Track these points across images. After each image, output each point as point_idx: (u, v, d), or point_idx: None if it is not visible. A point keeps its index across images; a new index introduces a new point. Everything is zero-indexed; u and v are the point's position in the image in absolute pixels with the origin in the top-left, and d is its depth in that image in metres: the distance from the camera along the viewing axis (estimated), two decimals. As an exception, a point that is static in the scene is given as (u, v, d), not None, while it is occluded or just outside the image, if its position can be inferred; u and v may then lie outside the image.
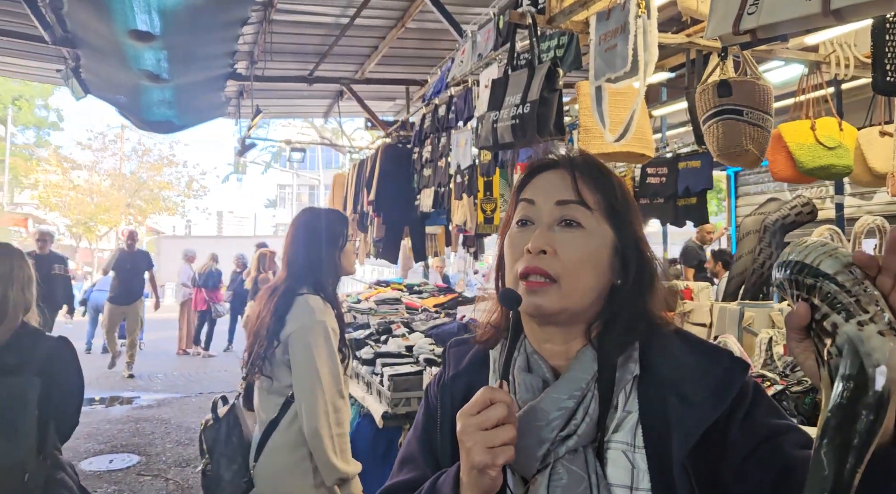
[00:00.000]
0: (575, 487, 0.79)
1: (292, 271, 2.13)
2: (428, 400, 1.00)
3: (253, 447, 2.09)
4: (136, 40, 4.93)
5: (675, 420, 0.80)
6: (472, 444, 0.74)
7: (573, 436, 0.81)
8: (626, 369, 0.85)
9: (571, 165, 0.91)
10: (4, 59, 6.84)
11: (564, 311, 0.85)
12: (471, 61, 4.29)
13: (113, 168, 24.67)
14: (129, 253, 8.57)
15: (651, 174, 4.14)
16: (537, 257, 0.84)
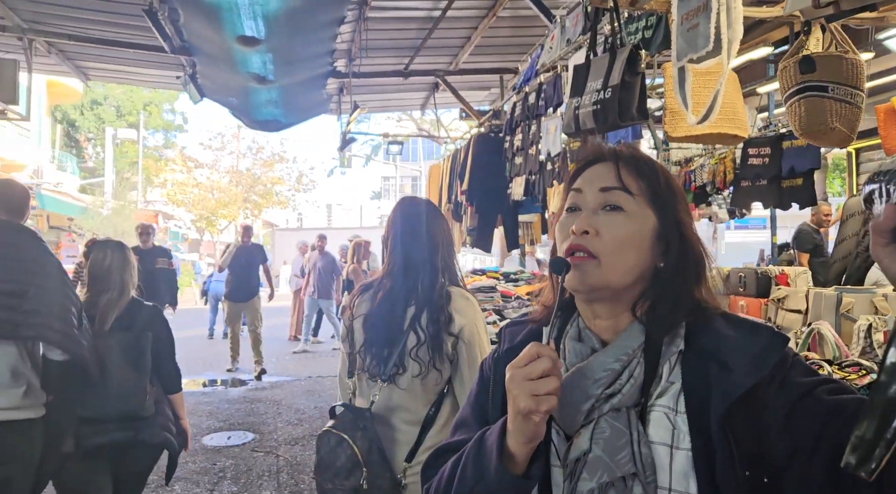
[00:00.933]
0: (616, 440, 0.86)
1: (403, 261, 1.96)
2: (482, 373, 1.08)
3: (404, 446, 1.91)
4: (243, 45, 5.26)
5: (714, 385, 0.86)
6: (518, 392, 0.81)
7: (617, 395, 0.88)
8: (672, 344, 0.91)
9: (615, 156, 0.99)
10: (132, 69, 7.50)
11: (606, 287, 0.92)
12: (560, 47, 4.26)
13: (231, 165, 26.33)
14: (245, 247, 8.46)
15: (752, 154, 3.93)
16: (581, 237, 0.92)
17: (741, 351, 0.87)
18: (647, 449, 0.85)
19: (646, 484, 0.84)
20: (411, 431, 1.91)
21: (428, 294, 1.91)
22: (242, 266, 8.29)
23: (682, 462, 0.84)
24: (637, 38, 2.94)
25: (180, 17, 5.21)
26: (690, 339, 0.92)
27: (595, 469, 0.85)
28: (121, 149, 27.61)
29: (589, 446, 0.87)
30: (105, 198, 23.06)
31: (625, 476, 0.84)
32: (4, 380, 2.30)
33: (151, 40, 5.70)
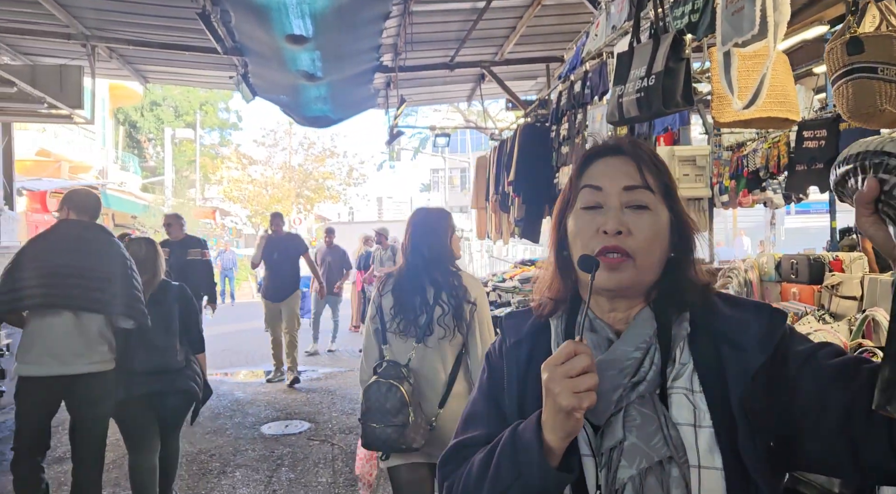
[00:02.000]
0: (648, 426, 0.89)
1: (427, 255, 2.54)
2: (490, 365, 1.09)
3: (438, 394, 2.46)
4: (292, 44, 5.39)
5: (729, 364, 0.91)
6: (560, 390, 0.82)
7: (643, 382, 0.91)
8: (679, 327, 0.96)
9: (634, 151, 1.00)
10: (188, 71, 7.77)
11: (639, 284, 0.96)
12: (605, 34, 4.21)
13: (283, 161, 26.88)
14: (277, 238, 7.46)
15: (808, 137, 3.80)
16: (614, 237, 0.93)
17: (749, 331, 0.92)
18: (675, 431, 0.89)
19: (681, 465, 0.87)
20: (440, 381, 2.46)
21: (445, 277, 2.50)
22: (276, 260, 7.36)
23: (706, 439, 0.89)
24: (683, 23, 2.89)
25: (232, 18, 5.37)
26: (695, 321, 0.96)
27: (633, 456, 0.88)
28: (179, 149, 28.56)
29: (623, 434, 0.89)
30: (165, 195, 23.91)
31: (661, 459, 0.87)
32: (95, 341, 3.15)
33: (205, 42, 5.90)
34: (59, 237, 3.17)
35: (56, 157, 16.64)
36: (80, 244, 3.16)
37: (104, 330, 3.18)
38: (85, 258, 3.13)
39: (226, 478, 4.39)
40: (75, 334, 3.08)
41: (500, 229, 6.79)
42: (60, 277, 3.07)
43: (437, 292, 2.48)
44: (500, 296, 5.74)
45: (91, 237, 3.20)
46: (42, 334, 3.07)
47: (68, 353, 3.06)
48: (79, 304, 3.08)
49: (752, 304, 0.99)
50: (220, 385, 7.47)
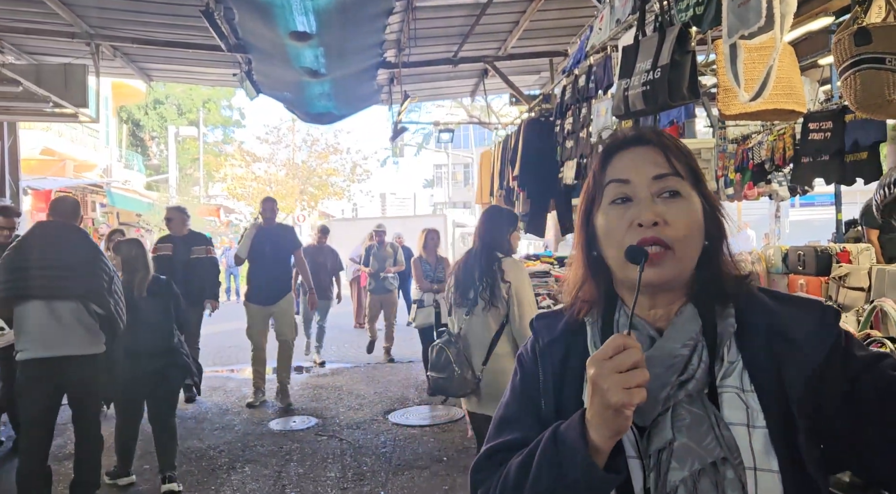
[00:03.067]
0: (699, 426, 0.85)
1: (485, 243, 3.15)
2: (523, 367, 1.05)
3: (482, 354, 3.05)
4: (296, 41, 5.40)
5: (785, 362, 0.87)
6: (609, 386, 0.78)
7: (692, 380, 0.87)
8: (725, 324, 0.91)
9: (660, 140, 0.96)
10: (191, 69, 7.78)
11: (680, 277, 0.91)
12: (609, 27, 4.20)
13: (287, 158, 26.88)
14: (267, 229, 6.25)
15: (813, 129, 3.80)
16: (651, 229, 0.89)
17: (803, 326, 0.88)
18: (728, 432, 0.85)
19: (735, 466, 0.83)
20: (483, 344, 3.06)
21: (488, 262, 3.07)
22: (269, 254, 6.13)
23: (761, 441, 0.85)
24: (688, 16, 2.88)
25: (235, 16, 5.38)
26: (741, 316, 0.92)
27: (684, 458, 0.84)
28: (183, 146, 28.61)
29: (672, 434, 0.85)
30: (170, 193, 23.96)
31: (715, 460, 0.83)
32: (71, 326, 3.45)
33: (209, 40, 5.91)
34: (33, 236, 3.56)
35: (61, 156, 16.70)
36: (51, 241, 3.52)
37: (81, 317, 3.48)
38: (55, 253, 3.48)
39: (235, 474, 4.42)
40: (49, 320, 3.40)
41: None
42: (31, 270, 3.40)
43: (480, 273, 3.06)
44: (506, 291, 5.75)
45: (63, 235, 3.56)
46: (24, 322, 3.42)
47: (48, 338, 3.40)
48: (47, 293, 3.40)
49: (801, 299, 0.95)
50: (227, 381, 7.50)
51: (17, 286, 3.39)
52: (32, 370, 3.38)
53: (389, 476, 4.32)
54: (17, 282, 3.39)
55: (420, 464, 4.53)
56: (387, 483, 4.19)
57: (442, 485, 4.14)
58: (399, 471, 4.41)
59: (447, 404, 6.03)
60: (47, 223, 3.67)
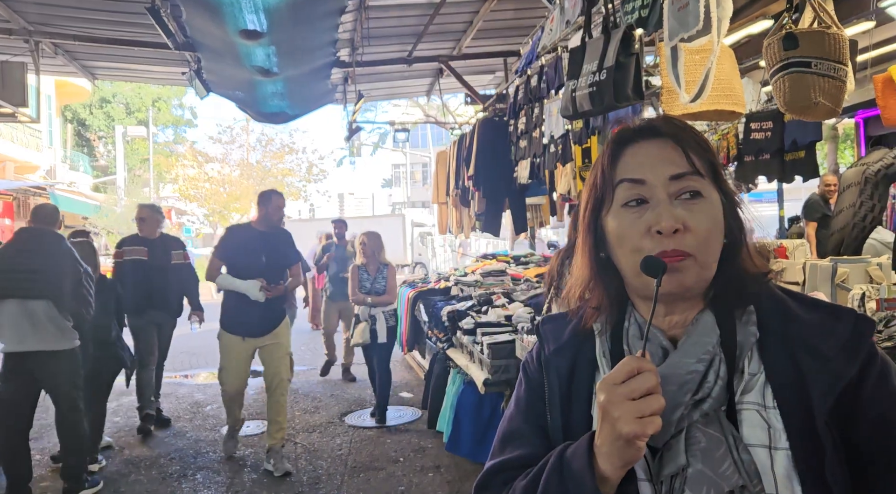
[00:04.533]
0: (715, 450, 0.78)
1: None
2: (528, 376, 0.98)
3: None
4: (246, 39, 5.31)
5: (812, 376, 0.79)
6: (620, 414, 0.72)
7: (707, 400, 0.80)
8: (747, 332, 0.84)
9: (676, 133, 0.86)
10: (138, 67, 7.58)
11: (701, 283, 0.83)
12: (560, 28, 4.26)
13: (241, 158, 26.46)
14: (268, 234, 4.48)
15: (755, 129, 3.93)
16: (671, 237, 0.81)
17: (831, 339, 0.80)
18: (748, 455, 0.78)
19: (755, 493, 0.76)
20: None
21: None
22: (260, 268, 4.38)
23: (783, 464, 0.77)
24: (633, 18, 2.95)
25: (182, 13, 5.26)
26: (764, 324, 0.84)
27: (699, 486, 0.77)
28: (131, 147, 27.83)
29: (686, 459, 0.78)
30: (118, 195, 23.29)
31: (733, 489, 0.76)
32: (43, 324, 3.79)
33: (156, 37, 5.76)
34: (15, 242, 3.96)
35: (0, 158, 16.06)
36: (31, 246, 3.86)
37: (53, 315, 3.82)
38: (34, 257, 3.81)
39: (186, 482, 4.32)
40: (24, 318, 3.76)
41: (462, 223, 6.83)
42: (10, 272, 3.78)
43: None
44: (462, 290, 5.78)
45: (42, 240, 3.89)
46: (1, 319, 3.79)
47: (21, 334, 3.77)
48: (24, 293, 3.77)
49: (831, 307, 0.86)
50: (178, 387, 7.33)
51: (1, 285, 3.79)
52: (9, 362, 3.83)
53: (345, 479, 4.29)
54: (1, 282, 3.79)
55: (376, 466, 4.51)
56: (342, 486, 4.16)
57: (398, 486, 4.13)
58: (355, 473, 4.38)
59: (402, 404, 6.02)
60: (28, 229, 4.01)
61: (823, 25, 2.05)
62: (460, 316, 4.29)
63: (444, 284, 6.31)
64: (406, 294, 6.46)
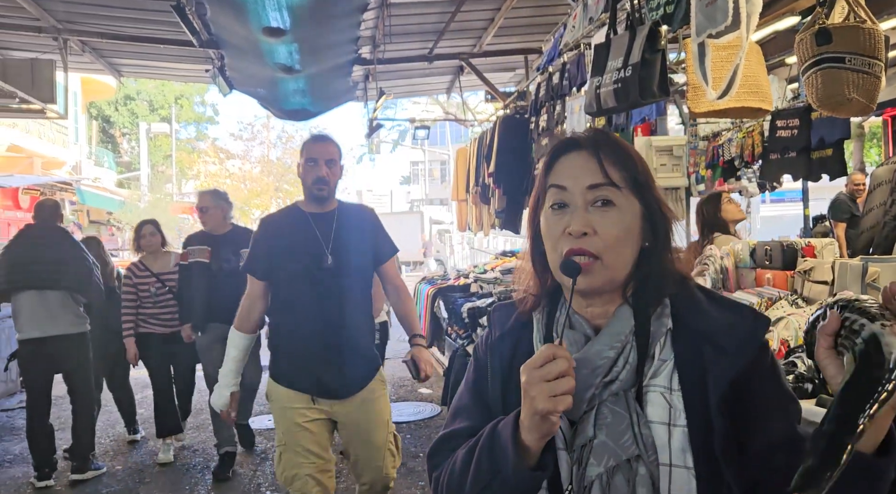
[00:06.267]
0: (618, 424, 0.90)
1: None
2: (477, 358, 1.10)
3: None
4: (269, 36, 5.35)
5: (711, 366, 0.90)
6: (537, 393, 0.83)
7: (616, 381, 0.91)
8: (660, 323, 0.95)
9: (595, 147, 0.97)
10: (163, 64, 7.68)
11: (610, 283, 0.95)
12: (582, 25, 4.24)
13: (262, 155, 26.65)
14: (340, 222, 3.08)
15: (781, 127, 3.88)
16: (579, 239, 0.92)
17: (730, 333, 0.92)
18: (648, 430, 0.89)
19: (648, 463, 0.88)
20: None
21: None
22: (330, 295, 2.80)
23: (679, 439, 0.89)
24: (658, 14, 2.93)
25: (207, 11, 5.31)
26: (677, 317, 0.96)
27: (601, 455, 0.89)
28: (155, 143, 28.18)
29: (593, 432, 0.90)
30: (142, 191, 23.60)
31: (630, 458, 0.88)
32: (58, 311, 4.15)
33: (180, 35, 5.83)
34: (25, 237, 4.29)
35: (28, 153, 16.33)
36: (41, 240, 4.20)
37: (67, 303, 4.19)
38: (46, 250, 4.16)
39: (209, 473, 4.37)
40: (41, 306, 4.10)
41: (481, 221, 6.83)
42: (23, 265, 4.13)
43: None
44: (482, 288, 5.78)
45: (48, 235, 4.25)
46: (20, 308, 4.13)
47: (40, 320, 4.10)
48: (38, 284, 4.10)
49: (732, 304, 0.99)
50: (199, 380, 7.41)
51: (13, 279, 4.13)
52: (29, 347, 4.14)
53: (366, 473, 4.32)
54: (13, 277, 4.13)
55: (397, 461, 4.53)
56: (363, 480, 4.19)
57: (418, 481, 4.15)
58: (376, 468, 4.41)
59: (422, 400, 6.05)
60: (32, 226, 4.34)
61: (858, 20, 2.03)
62: (480, 312, 4.30)
63: (463, 281, 6.32)
64: (425, 290, 6.48)
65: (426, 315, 6.27)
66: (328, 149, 2.67)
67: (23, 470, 4.51)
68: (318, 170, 2.60)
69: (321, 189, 2.61)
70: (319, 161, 2.60)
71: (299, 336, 2.54)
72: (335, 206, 2.70)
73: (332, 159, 2.65)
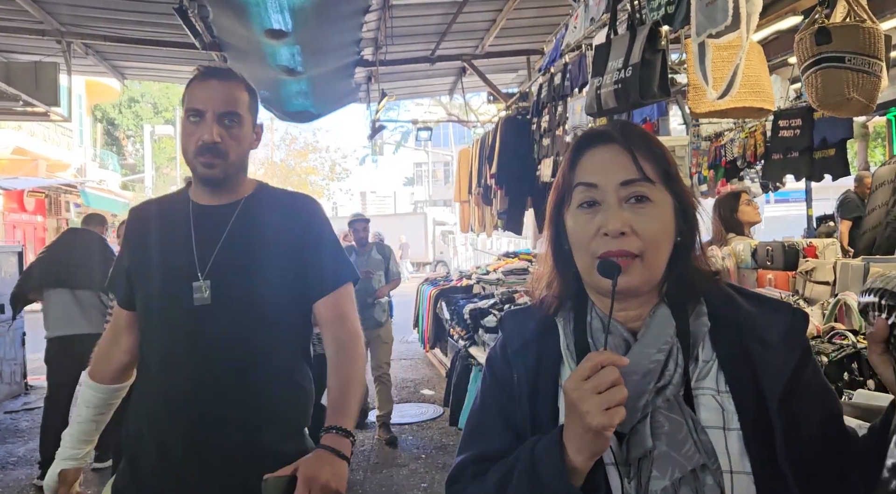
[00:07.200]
0: (677, 432, 0.83)
1: None
2: (494, 372, 1.00)
3: None
4: (271, 38, 5.36)
5: (762, 364, 0.87)
6: (589, 407, 0.75)
7: (669, 386, 0.85)
8: (699, 323, 0.90)
9: (626, 139, 0.90)
10: (166, 67, 7.69)
11: (648, 282, 0.89)
12: (584, 26, 4.24)
13: (265, 157, 26.74)
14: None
15: (783, 127, 3.87)
16: (617, 239, 0.86)
17: (773, 329, 0.88)
18: (705, 435, 0.84)
19: (714, 472, 0.82)
20: None
21: None
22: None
23: (736, 443, 0.84)
24: (659, 14, 2.92)
25: (209, 13, 5.33)
26: (714, 315, 0.91)
27: (665, 466, 0.82)
28: (159, 145, 28.25)
29: (651, 442, 0.83)
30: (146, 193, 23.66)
31: (695, 468, 0.82)
32: (89, 309, 4.30)
33: (183, 37, 5.84)
34: (64, 239, 4.64)
35: (33, 155, 16.40)
36: (78, 243, 4.50)
37: (96, 303, 4.34)
38: (75, 252, 4.42)
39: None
40: (73, 304, 4.29)
41: (484, 222, 6.82)
42: (57, 265, 4.38)
43: None
44: (484, 289, 5.78)
45: (82, 238, 4.54)
46: (50, 307, 4.33)
47: (69, 318, 4.27)
48: (69, 283, 4.31)
49: (770, 300, 0.95)
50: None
51: (45, 277, 4.37)
52: (56, 346, 4.28)
53: (368, 475, 4.32)
54: (46, 275, 4.37)
55: (399, 462, 4.53)
56: (365, 482, 4.19)
57: (420, 483, 4.15)
58: (377, 470, 4.41)
59: (425, 401, 6.04)
60: (75, 229, 4.70)
61: (858, 19, 2.02)
62: (482, 314, 4.29)
63: (466, 282, 6.31)
64: (428, 292, 6.48)
65: (428, 316, 6.27)
66: (225, 94, 1.50)
67: (26, 473, 4.52)
68: (203, 131, 1.47)
69: (210, 165, 1.49)
70: (207, 115, 1.48)
71: (150, 428, 1.48)
72: (242, 196, 1.57)
73: (231, 112, 1.50)
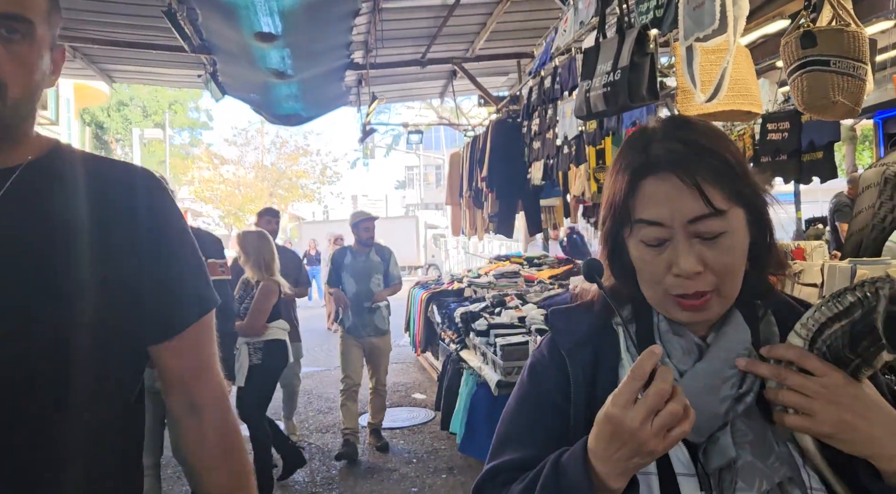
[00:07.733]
0: (761, 442, 0.80)
1: None
2: (538, 374, 0.94)
3: None
4: (261, 41, 5.35)
5: None
6: (646, 437, 0.71)
7: (750, 393, 0.81)
8: (770, 332, 0.87)
9: (690, 169, 0.80)
10: (155, 70, 7.66)
11: (727, 308, 0.85)
12: (573, 29, 4.26)
13: (256, 161, 26.66)
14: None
15: (772, 130, 3.90)
16: (692, 279, 0.80)
17: None
18: (785, 447, 0.80)
19: (800, 486, 0.78)
20: None
21: None
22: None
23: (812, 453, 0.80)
24: (648, 18, 2.93)
25: (199, 16, 5.31)
26: (781, 321, 0.87)
27: (751, 477, 0.78)
28: (148, 149, 28.10)
29: (735, 452, 0.79)
30: (135, 197, 23.51)
31: (782, 480, 0.78)
32: None
33: (172, 41, 5.82)
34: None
35: (21, 159, 16.27)
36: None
37: None
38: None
39: (202, 481, 4.35)
40: None
41: (475, 225, 6.83)
42: None
43: None
44: (476, 292, 5.77)
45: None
46: None
47: None
48: None
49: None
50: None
51: None
52: None
53: (358, 480, 4.30)
54: None
55: (390, 467, 4.52)
56: (356, 487, 4.17)
57: (411, 487, 4.13)
58: (368, 474, 4.39)
59: (416, 405, 6.03)
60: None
61: (843, 23, 2.03)
62: (473, 317, 4.29)
63: (457, 285, 6.31)
64: (419, 295, 6.47)
65: (420, 320, 6.26)
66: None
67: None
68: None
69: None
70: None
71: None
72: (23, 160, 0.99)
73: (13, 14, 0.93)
